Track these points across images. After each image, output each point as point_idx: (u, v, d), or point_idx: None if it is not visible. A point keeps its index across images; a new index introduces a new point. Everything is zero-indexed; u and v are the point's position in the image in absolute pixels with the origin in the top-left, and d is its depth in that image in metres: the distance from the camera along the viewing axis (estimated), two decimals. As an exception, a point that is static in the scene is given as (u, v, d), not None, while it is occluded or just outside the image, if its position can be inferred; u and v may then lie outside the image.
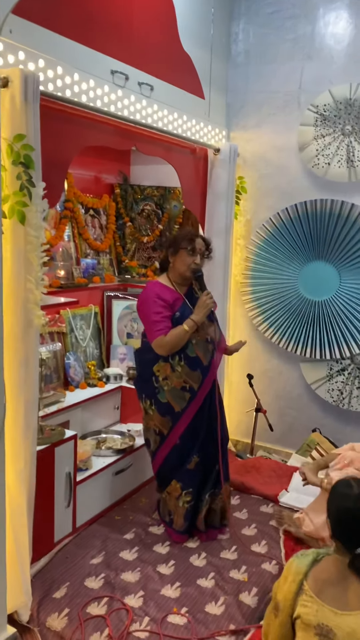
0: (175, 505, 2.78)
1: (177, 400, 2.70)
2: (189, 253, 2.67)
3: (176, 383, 2.68)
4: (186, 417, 2.71)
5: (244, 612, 2.29)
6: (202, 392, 2.72)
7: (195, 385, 2.69)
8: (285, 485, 3.36)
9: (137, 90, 2.91)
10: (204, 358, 2.71)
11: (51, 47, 2.35)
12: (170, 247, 2.73)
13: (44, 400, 2.98)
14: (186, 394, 2.70)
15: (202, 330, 2.70)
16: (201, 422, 2.76)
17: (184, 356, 2.67)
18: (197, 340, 2.68)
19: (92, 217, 3.71)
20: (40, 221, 2.06)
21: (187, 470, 2.75)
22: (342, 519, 1.63)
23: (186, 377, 2.68)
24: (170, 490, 2.79)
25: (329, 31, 3.51)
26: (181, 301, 2.72)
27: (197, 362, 2.69)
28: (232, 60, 3.86)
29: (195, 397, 2.71)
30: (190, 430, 2.74)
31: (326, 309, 3.65)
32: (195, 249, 2.67)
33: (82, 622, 2.19)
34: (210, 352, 2.73)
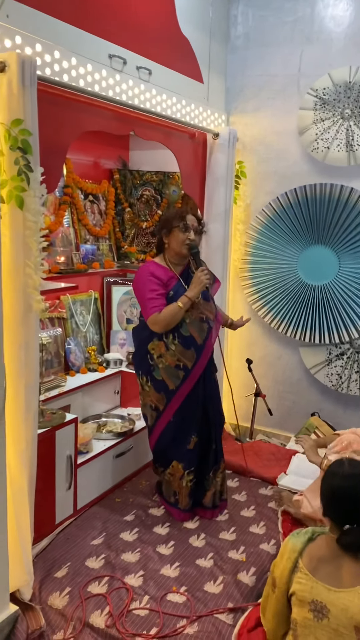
0: (179, 485, 2.85)
1: (171, 378, 2.75)
2: (181, 230, 2.69)
3: (170, 361, 2.73)
4: (180, 394, 2.76)
5: (242, 590, 2.34)
6: (196, 371, 2.75)
7: (189, 363, 2.73)
8: (284, 468, 3.40)
9: (136, 74, 2.90)
10: (199, 337, 2.73)
11: (48, 31, 2.34)
12: (163, 228, 2.76)
13: (45, 385, 3.01)
14: (180, 372, 2.74)
15: (197, 309, 2.72)
16: (196, 402, 2.79)
17: (177, 335, 2.70)
18: (191, 320, 2.71)
19: (91, 203, 3.71)
20: (38, 206, 2.06)
21: (187, 450, 2.81)
22: (331, 496, 1.67)
23: (180, 356, 2.72)
24: (173, 472, 2.85)
25: (328, 13, 3.47)
26: (175, 280, 2.74)
27: (191, 341, 2.72)
28: (231, 44, 3.83)
29: (189, 376, 2.74)
30: (186, 410, 2.78)
31: (325, 294, 3.67)
32: (188, 225, 2.69)
33: (83, 601, 2.24)
34: (205, 332, 2.74)
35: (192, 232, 2.71)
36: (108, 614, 2.18)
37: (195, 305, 2.71)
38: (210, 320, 2.77)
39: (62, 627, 2.14)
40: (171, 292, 2.71)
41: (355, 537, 1.63)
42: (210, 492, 2.89)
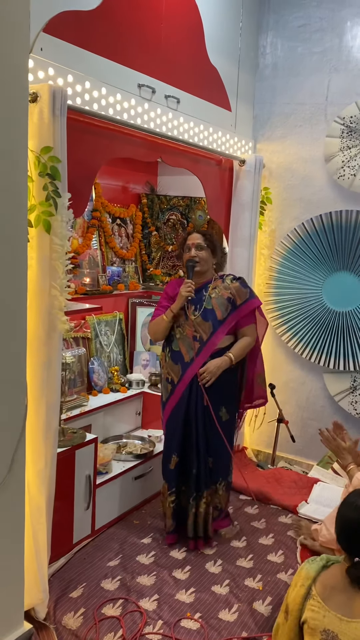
0: (164, 504, 2.86)
1: (164, 389, 2.88)
2: (185, 251, 2.82)
3: (164, 373, 2.86)
4: (168, 407, 2.84)
5: (257, 620, 2.30)
6: (179, 388, 2.77)
7: (175, 378, 2.79)
8: (306, 496, 3.35)
9: (164, 103, 2.98)
10: (186, 354, 2.76)
11: (80, 63, 2.43)
12: (178, 256, 2.97)
13: (67, 404, 3.06)
14: (168, 385, 2.83)
15: (190, 326, 2.74)
16: (178, 421, 2.77)
17: (169, 349, 2.82)
18: (182, 336, 2.78)
19: (118, 226, 3.79)
20: (65, 230, 2.13)
21: (169, 469, 2.83)
22: (345, 527, 1.66)
23: (169, 369, 2.81)
24: (163, 490, 2.89)
25: (356, 44, 3.52)
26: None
27: (178, 357, 2.79)
28: (259, 73, 3.90)
29: (174, 391, 2.80)
30: (173, 427, 2.81)
31: (350, 320, 3.64)
32: (188, 245, 2.80)
33: (97, 622, 2.23)
34: (194, 350, 2.73)
35: (193, 249, 2.78)
36: (121, 637, 2.17)
37: (189, 322, 2.74)
38: (203, 340, 2.73)
39: (75, 648, 2.14)
40: None
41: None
42: (189, 521, 2.80)
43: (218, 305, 2.77)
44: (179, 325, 2.78)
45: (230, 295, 2.79)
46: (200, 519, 2.81)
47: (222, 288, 2.81)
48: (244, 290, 2.83)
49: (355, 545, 1.62)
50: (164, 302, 2.87)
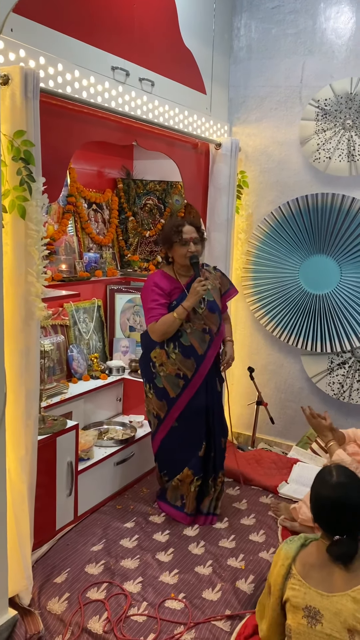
0: (188, 490, 2.89)
1: (172, 386, 2.81)
2: (181, 244, 2.74)
3: (171, 370, 2.78)
4: (180, 403, 2.81)
5: (240, 598, 2.35)
6: (195, 381, 2.79)
7: (189, 373, 2.78)
8: (285, 477, 3.40)
9: (138, 86, 2.95)
10: (199, 347, 2.77)
11: (52, 45, 2.39)
12: (164, 244, 2.82)
13: (47, 392, 3.04)
14: (180, 380, 2.79)
15: (199, 320, 2.76)
16: (201, 411, 2.83)
17: (178, 344, 2.76)
18: (192, 330, 2.76)
19: (94, 212, 3.76)
20: (40, 215, 2.10)
21: (198, 457, 2.86)
22: (321, 506, 1.69)
23: (180, 365, 2.77)
24: (182, 477, 2.90)
25: (330, 25, 3.52)
26: (180, 291, 2.79)
27: (191, 351, 2.76)
28: (233, 55, 3.88)
29: (188, 385, 2.79)
30: (192, 418, 2.84)
31: (327, 303, 3.68)
32: (186, 239, 2.73)
33: (82, 606, 2.25)
34: (206, 342, 2.78)
35: (192, 244, 2.74)
36: (106, 619, 2.19)
37: (198, 316, 2.75)
38: (212, 332, 2.80)
39: (60, 632, 2.15)
40: (174, 302, 2.77)
41: (344, 548, 1.64)
42: (207, 499, 2.94)
43: (216, 296, 2.85)
44: (188, 320, 2.75)
45: (219, 285, 2.92)
46: (215, 496, 2.95)
47: (212, 278, 2.89)
48: (225, 279, 3.01)
49: (333, 523, 1.65)
50: (161, 298, 2.76)
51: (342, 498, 1.66)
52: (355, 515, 1.67)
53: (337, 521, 1.65)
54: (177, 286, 2.80)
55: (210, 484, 2.93)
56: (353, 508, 1.67)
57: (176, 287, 2.80)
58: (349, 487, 1.69)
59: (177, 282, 2.82)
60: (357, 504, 1.67)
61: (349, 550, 1.64)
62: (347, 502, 1.66)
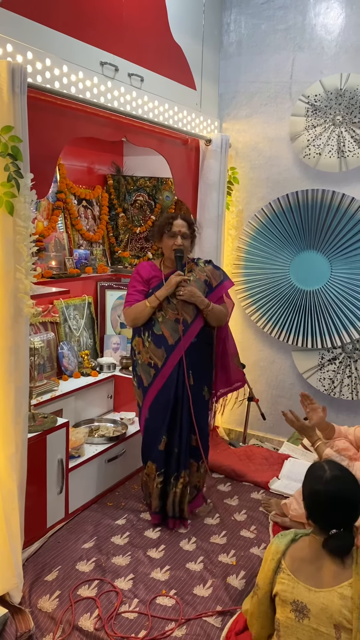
0: (152, 486, 2.86)
1: (145, 375, 2.83)
2: (169, 236, 2.77)
3: (145, 358, 2.81)
4: (151, 392, 2.81)
5: (231, 594, 2.35)
6: (165, 371, 2.77)
7: (159, 362, 2.77)
8: (277, 472, 3.41)
9: (127, 81, 2.93)
10: (170, 337, 2.76)
11: (40, 39, 2.37)
12: (156, 235, 2.85)
13: (37, 389, 3.03)
14: (151, 369, 2.80)
15: (172, 310, 2.75)
16: (167, 403, 2.77)
17: (150, 333, 2.78)
18: (164, 319, 2.76)
19: (84, 208, 3.74)
20: (28, 212, 2.09)
21: (158, 450, 2.81)
22: (315, 502, 1.69)
23: (151, 354, 2.78)
24: (148, 472, 2.87)
25: (319, 21, 3.52)
26: (158, 280, 2.81)
27: (162, 340, 2.76)
28: (223, 51, 3.87)
29: (158, 374, 2.78)
30: (157, 409, 2.80)
31: (317, 298, 3.69)
32: (174, 231, 2.75)
33: (73, 604, 2.24)
34: (178, 333, 2.74)
35: (180, 237, 2.75)
36: (97, 617, 2.19)
37: (172, 305, 2.75)
38: (187, 323, 2.76)
39: (51, 630, 2.15)
40: (150, 290, 2.80)
41: (342, 541, 1.65)
42: (169, 500, 2.83)
43: (197, 287, 2.80)
44: (160, 309, 2.75)
45: (206, 278, 2.88)
46: (177, 499, 2.82)
47: (198, 271, 2.87)
48: (218, 272, 2.95)
49: (330, 518, 1.65)
50: (139, 285, 2.81)
51: (338, 492, 1.66)
52: (352, 508, 1.68)
53: (334, 515, 1.65)
54: (157, 275, 2.83)
55: (172, 483, 2.81)
56: (349, 501, 1.68)
57: (155, 276, 2.83)
58: (343, 480, 1.70)
59: (159, 271, 2.85)
60: (353, 496, 1.68)
61: (346, 543, 1.65)
62: (344, 495, 1.66)
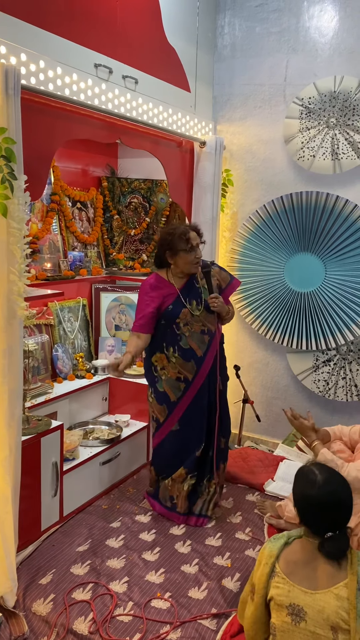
0: (180, 489, 2.87)
1: (173, 390, 2.81)
2: (188, 251, 2.71)
3: (172, 373, 2.79)
4: (181, 406, 2.82)
5: (226, 596, 2.34)
6: (196, 382, 2.79)
7: (189, 375, 2.78)
8: (272, 474, 3.41)
9: (122, 83, 2.93)
10: (199, 349, 2.77)
11: (34, 41, 2.37)
12: (167, 250, 2.75)
13: (31, 392, 3.01)
14: (181, 384, 2.79)
15: (197, 322, 2.76)
16: (202, 411, 2.82)
17: (177, 347, 2.76)
18: (191, 332, 2.76)
19: (79, 210, 3.73)
20: (22, 213, 2.08)
21: (195, 457, 2.83)
22: (308, 507, 1.67)
23: (180, 368, 2.77)
24: (176, 477, 2.88)
25: (313, 24, 3.53)
26: (174, 296, 2.77)
27: (191, 354, 2.76)
28: (218, 53, 3.88)
29: (189, 387, 2.79)
30: (192, 419, 2.82)
31: (312, 300, 3.70)
32: (193, 246, 2.72)
33: (67, 607, 2.23)
34: (205, 344, 2.78)
35: (198, 250, 2.74)
36: (92, 620, 2.18)
37: (196, 318, 2.76)
38: (211, 332, 2.80)
39: (45, 633, 2.14)
40: (170, 307, 2.76)
41: (337, 544, 1.64)
42: (200, 500, 2.91)
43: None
44: (186, 324, 2.75)
45: (218, 282, 2.87)
46: (209, 497, 2.90)
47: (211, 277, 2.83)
48: (225, 273, 2.95)
49: (323, 522, 1.64)
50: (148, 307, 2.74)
51: (330, 495, 1.65)
52: (344, 511, 1.67)
53: (327, 519, 1.64)
54: (172, 292, 2.78)
55: (204, 484, 2.90)
56: (342, 503, 1.67)
57: (170, 293, 2.78)
58: (334, 483, 1.69)
59: (172, 286, 2.80)
60: (345, 499, 1.67)
61: (342, 545, 1.64)
62: (336, 498, 1.65)
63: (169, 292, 2.78)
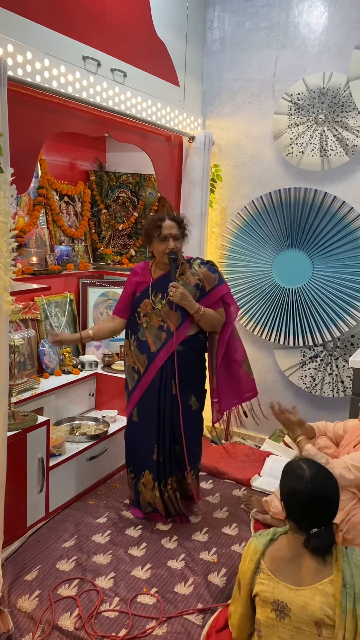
0: (153, 496, 2.80)
1: (129, 378, 2.82)
2: (160, 240, 2.65)
3: (130, 361, 2.80)
4: (134, 397, 2.80)
5: (212, 591, 2.35)
6: (147, 377, 2.72)
7: (141, 368, 2.74)
8: (258, 469, 3.42)
9: (110, 76, 2.91)
10: (153, 344, 2.69)
11: (21, 32, 2.34)
12: (145, 239, 2.78)
13: (17, 387, 2.99)
14: (134, 374, 2.78)
15: (156, 316, 2.68)
16: (152, 412, 2.72)
17: (135, 338, 2.76)
18: (148, 325, 2.70)
19: (66, 204, 3.71)
20: (8, 207, 2.06)
21: (153, 460, 2.76)
22: (295, 502, 1.67)
23: (135, 358, 2.76)
24: (145, 482, 2.80)
25: (303, 20, 3.52)
26: (145, 286, 2.76)
27: (145, 346, 2.72)
28: (207, 48, 3.86)
29: (141, 380, 2.75)
30: (145, 419, 2.75)
31: (299, 297, 3.70)
32: (164, 235, 2.64)
33: (53, 603, 2.22)
34: (161, 341, 2.66)
35: (171, 240, 2.63)
36: (77, 616, 2.17)
37: (156, 311, 2.68)
38: (169, 331, 2.66)
39: (30, 630, 2.12)
40: (138, 295, 2.77)
41: (323, 539, 1.64)
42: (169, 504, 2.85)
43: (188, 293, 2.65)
44: (145, 314, 2.69)
45: (197, 282, 2.71)
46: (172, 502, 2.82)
47: (189, 275, 2.72)
48: (213, 275, 2.75)
49: (311, 518, 1.64)
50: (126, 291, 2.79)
51: (318, 491, 1.65)
52: (332, 506, 1.68)
53: (314, 514, 1.64)
54: (145, 280, 2.76)
55: (162, 489, 2.80)
56: (329, 499, 1.68)
57: (144, 281, 2.76)
58: (322, 478, 1.69)
59: (149, 275, 2.77)
60: (332, 495, 1.68)
61: (327, 541, 1.64)
62: (324, 494, 1.66)
63: (144, 280, 2.76)
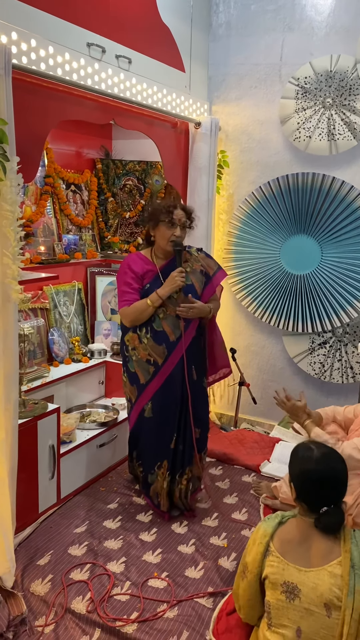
0: (161, 486, 2.78)
1: (142, 372, 2.71)
2: (167, 226, 2.61)
3: (142, 355, 2.68)
4: (149, 390, 2.71)
5: (222, 575, 2.38)
6: (166, 368, 2.66)
7: (159, 359, 2.66)
8: (268, 455, 3.44)
9: (115, 63, 2.89)
10: (172, 333, 2.64)
11: (24, 19, 2.32)
12: (150, 221, 2.69)
13: (27, 375, 3.02)
14: (150, 367, 2.68)
15: (173, 305, 2.62)
16: (174, 402, 2.69)
17: (150, 329, 2.65)
18: (165, 315, 2.63)
19: (73, 193, 3.70)
20: (15, 196, 2.06)
21: (170, 449, 2.72)
22: (306, 481, 1.70)
23: (151, 350, 2.66)
24: (163, 471, 2.76)
25: (309, 2, 3.47)
26: (154, 274, 2.68)
27: (163, 337, 2.64)
28: (212, 32, 3.82)
29: (159, 372, 2.67)
30: (165, 409, 2.71)
31: (308, 283, 3.69)
32: (174, 220, 2.61)
33: (65, 587, 2.26)
34: (179, 329, 2.64)
35: (179, 228, 2.62)
36: (89, 599, 2.20)
37: (172, 301, 2.63)
38: (187, 319, 2.65)
39: (44, 613, 2.16)
40: (147, 286, 2.67)
41: (333, 518, 1.67)
42: (175, 497, 2.81)
43: (196, 279, 2.71)
44: (161, 305, 2.62)
45: (202, 268, 2.76)
46: (182, 494, 2.79)
47: (193, 261, 2.75)
48: (212, 260, 2.86)
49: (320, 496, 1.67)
50: (134, 283, 2.65)
51: (328, 469, 1.69)
52: (341, 485, 1.71)
53: (324, 493, 1.67)
54: (152, 269, 2.69)
55: (177, 480, 2.77)
56: (338, 477, 1.71)
57: (150, 270, 2.69)
58: (332, 458, 1.73)
59: (153, 264, 2.71)
60: (342, 474, 1.71)
61: (338, 519, 1.68)
62: (334, 472, 1.70)
63: (147, 269, 2.69)
